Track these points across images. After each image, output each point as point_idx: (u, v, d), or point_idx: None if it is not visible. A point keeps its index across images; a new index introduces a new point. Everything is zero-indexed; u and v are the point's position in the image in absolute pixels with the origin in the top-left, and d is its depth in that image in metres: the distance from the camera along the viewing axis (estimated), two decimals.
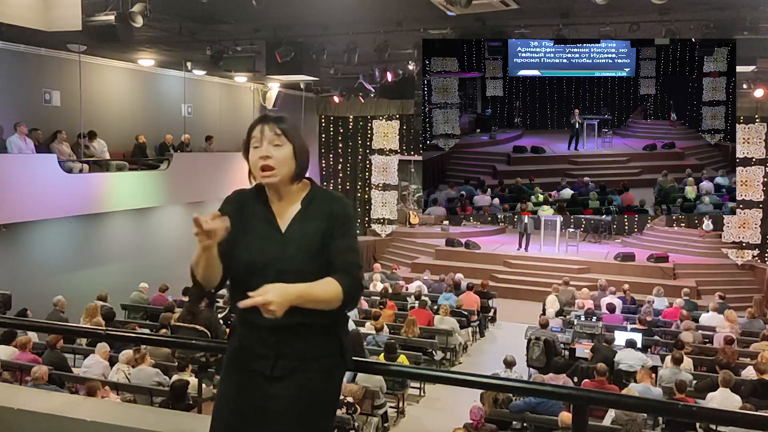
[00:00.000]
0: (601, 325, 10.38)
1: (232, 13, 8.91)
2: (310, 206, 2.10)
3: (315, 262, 2.04)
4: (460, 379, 2.58)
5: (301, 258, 2.03)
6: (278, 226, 2.09)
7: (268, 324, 1.96)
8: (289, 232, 2.08)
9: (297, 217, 2.09)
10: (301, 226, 2.08)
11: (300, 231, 2.07)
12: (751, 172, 16.59)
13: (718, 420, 6.17)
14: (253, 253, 2.07)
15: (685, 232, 18.23)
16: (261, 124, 2.07)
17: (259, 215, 2.11)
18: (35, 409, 2.80)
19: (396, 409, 8.72)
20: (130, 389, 7.34)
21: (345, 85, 15.83)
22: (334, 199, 2.14)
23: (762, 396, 7.35)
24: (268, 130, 2.05)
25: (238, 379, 2.10)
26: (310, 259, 2.04)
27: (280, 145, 2.05)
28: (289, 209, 2.11)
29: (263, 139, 2.05)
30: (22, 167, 10.19)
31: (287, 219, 2.10)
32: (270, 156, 2.03)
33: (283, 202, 2.11)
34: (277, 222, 2.10)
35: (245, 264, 2.07)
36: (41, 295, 10.40)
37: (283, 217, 2.10)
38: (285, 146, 2.06)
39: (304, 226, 2.08)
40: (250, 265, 2.06)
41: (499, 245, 18.24)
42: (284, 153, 2.05)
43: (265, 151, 2.04)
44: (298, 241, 2.05)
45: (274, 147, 2.05)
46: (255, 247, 2.07)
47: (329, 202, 2.11)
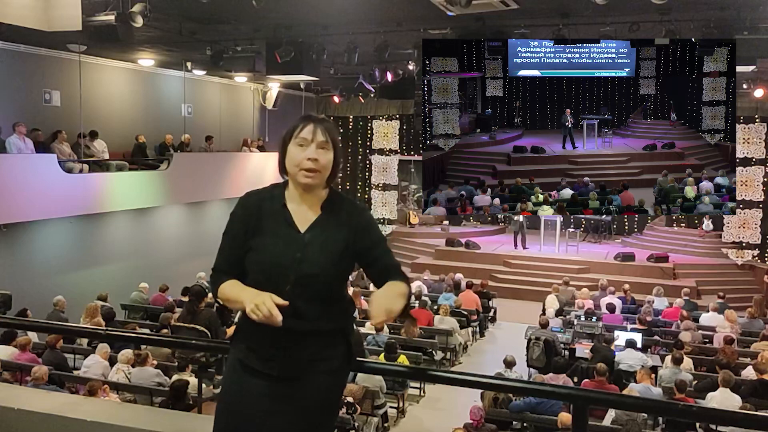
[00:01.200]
0: (601, 325, 10.38)
1: (232, 13, 8.91)
2: (331, 211, 2.09)
3: (334, 267, 2.04)
4: (460, 379, 2.58)
5: (322, 261, 2.02)
6: (298, 229, 2.07)
7: (283, 326, 1.95)
8: (309, 235, 2.05)
9: (318, 221, 2.08)
10: (322, 229, 2.07)
11: (321, 235, 2.06)
12: (751, 172, 16.59)
13: (718, 420, 6.18)
14: (274, 254, 2.04)
15: (685, 232, 18.24)
16: (312, 124, 2.06)
17: (277, 217, 2.08)
18: (35, 409, 2.80)
19: (396, 409, 8.72)
20: (130, 389, 7.34)
21: (345, 85, 15.83)
22: (354, 208, 2.14)
23: (762, 396, 7.35)
24: (321, 133, 2.04)
25: (243, 380, 2.08)
26: (329, 263, 2.03)
27: (326, 149, 2.05)
28: (309, 212, 2.09)
29: (313, 141, 2.04)
30: (22, 167, 10.19)
31: (307, 222, 2.08)
32: (318, 159, 2.03)
33: (304, 205, 2.09)
34: (296, 224, 2.07)
35: (266, 265, 2.04)
36: (41, 295, 10.40)
37: (303, 219, 2.08)
38: (330, 151, 2.06)
39: (325, 231, 2.06)
40: (270, 266, 2.03)
41: (499, 245, 18.24)
42: (328, 158, 2.05)
43: (313, 153, 2.02)
44: (319, 244, 2.04)
45: (321, 150, 2.04)
46: (276, 249, 2.04)
47: (348, 211, 2.11)
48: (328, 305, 2.04)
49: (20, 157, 10.37)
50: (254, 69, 10.95)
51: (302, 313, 1.99)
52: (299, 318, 1.98)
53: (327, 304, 2.04)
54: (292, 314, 1.96)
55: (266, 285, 1.98)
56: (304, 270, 1.99)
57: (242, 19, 9.34)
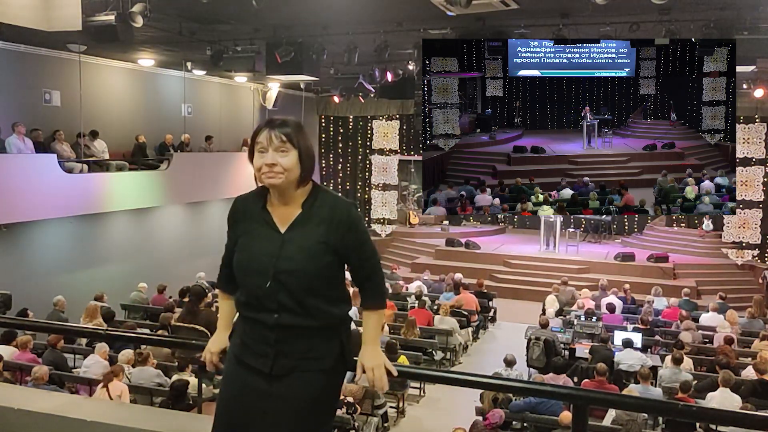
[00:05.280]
0: (601, 325, 10.38)
1: (232, 13, 8.91)
2: (311, 209, 2.11)
3: (313, 264, 2.05)
4: (460, 379, 2.58)
5: (299, 258, 2.04)
6: (277, 228, 2.10)
7: (270, 322, 2.03)
8: (288, 234, 2.09)
9: (298, 220, 2.10)
10: (302, 228, 2.09)
11: (300, 232, 2.08)
12: (751, 172, 16.58)
13: (718, 420, 6.17)
14: (251, 253, 2.09)
15: (685, 232, 18.24)
16: (267, 129, 2.07)
17: (258, 218, 2.13)
18: (35, 409, 2.81)
19: (396, 409, 8.72)
20: (130, 389, 7.33)
21: (345, 85, 15.83)
22: (336, 203, 2.13)
23: (762, 396, 7.36)
24: (274, 138, 2.05)
25: (238, 377, 2.12)
26: (308, 260, 2.05)
27: (285, 151, 2.06)
28: (291, 212, 2.11)
29: (269, 145, 2.05)
30: (22, 167, 10.19)
31: (288, 221, 2.10)
32: (276, 163, 2.04)
33: (285, 205, 2.12)
34: (276, 224, 2.11)
35: (243, 265, 2.11)
36: (41, 295, 10.40)
37: (284, 219, 2.11)
38: (290, 152, 2.06)
39: (305, 228, 2.09)
40: (247, 266, 2.09)
41: (499, 245, 18.23)
42: (290, 159, 2.06)
43: (270, 158, 2.04)
44: (297, 242, 2.06)
45: (280, 153, 2.05)
46: (253, 249, 2.09)
47: (330, 207, 2.11)
48: (313, 301, 2.06)
49: (20, 157, 10.37)
50: (254, 69, 10.94)
51: (287, 307, 2.04)
52: (285, 312, 2.04)
53: (311, 299, 2.05)
54: (276, 309, 2.04)
55: (248, 283, 2.09)
56: (282, 266, 2.03)
57: (242, 19, 9.34)
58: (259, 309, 2.07)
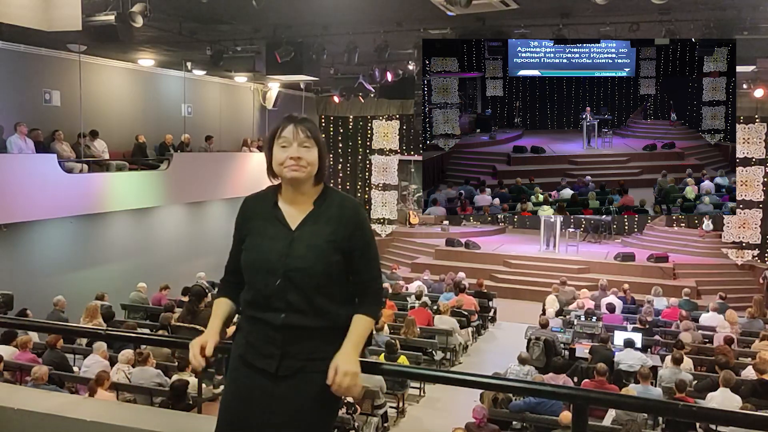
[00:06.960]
0: (601, 325, 10.37)
1: (232, 13, 8.91)
2: (322, 207, 2.12)
3: (323, 263, 2.05)
4: (460, 379, 2.58)
5: (309, 257, 2.04)
6: (288, 225, 2.10)
7: (277, 323, 2.02)
8: (298, 231, 2.09)
9: (309, 217, 2.11)
10: (312, 225, 2.10)
11: (310, 230, 2.09)
12: (751, 172, 16.58)
13: (718, 420, 6.17)
14: (261, 252, 2.09)
15: (685, 232, 18.23)
16: (292, 124, 2.10)
17: (268, 215, 2.13)
18: (35, 409, 2.80)
19: (396, 409, 8.72)
20: (130, 389, 7.34)
21: (345, 85, 15.82)
22: (345, 202, 2.15)
23: (762, 396, 7.35)
24: (300, 132, 2.08)
25: (243, 377, 2.11)
26: (318, 259, 2.05)
27: (309, 146, 2.08)
28: (301, 209, 2.12)
29: (294, 140, 2.08)
30: (22, 167, 10.19)
31: (298, 219, 2.11)
32: (301, 157, 2.06)
33: (296, 203, 2.13)
34: (287, 221, 2.11)
35: (253, 263, 2.10)
36: (41, 295, 10.41)
37: (295, 216, 2.12)
38: (313, 148, 2.09)
39: (315, 226, 2.09)
40: (257, 264, 2.08)
41: (499, 245, 18.24)
42: (313, 154, 2.09)
43: (295, 152, 2.06)
44: (307, 239, 2.07)
45: (303, 148, 2.07)
46: (263, 246, 2.09)
47: (339, 205, 2.13)
48: (321, 300, 2.05)
49: (21, 156, 10.38)
50: (254, 69, 10.95)
51: (294, 307, 2.03)
52: (292, 312, 2.03)
53: (319, 298, 2.05)
54: (284, 309, 2.02)
55: (257, 281, 2.06)
56: (291, 264, 2.03)
57: (242, 19, 9.34)
58: (265, 308, 2.06)
